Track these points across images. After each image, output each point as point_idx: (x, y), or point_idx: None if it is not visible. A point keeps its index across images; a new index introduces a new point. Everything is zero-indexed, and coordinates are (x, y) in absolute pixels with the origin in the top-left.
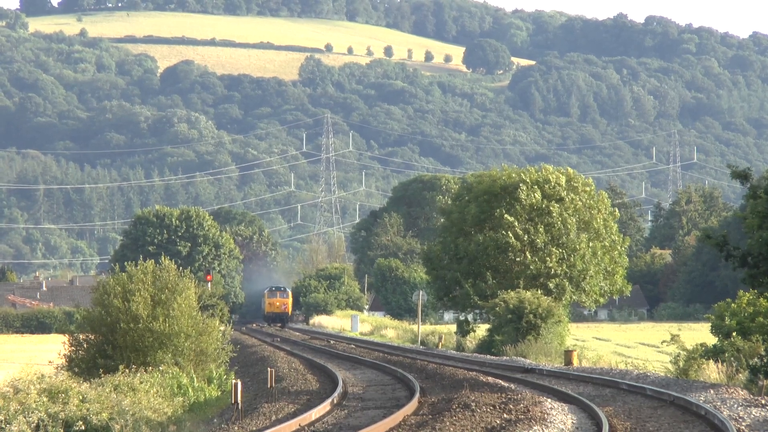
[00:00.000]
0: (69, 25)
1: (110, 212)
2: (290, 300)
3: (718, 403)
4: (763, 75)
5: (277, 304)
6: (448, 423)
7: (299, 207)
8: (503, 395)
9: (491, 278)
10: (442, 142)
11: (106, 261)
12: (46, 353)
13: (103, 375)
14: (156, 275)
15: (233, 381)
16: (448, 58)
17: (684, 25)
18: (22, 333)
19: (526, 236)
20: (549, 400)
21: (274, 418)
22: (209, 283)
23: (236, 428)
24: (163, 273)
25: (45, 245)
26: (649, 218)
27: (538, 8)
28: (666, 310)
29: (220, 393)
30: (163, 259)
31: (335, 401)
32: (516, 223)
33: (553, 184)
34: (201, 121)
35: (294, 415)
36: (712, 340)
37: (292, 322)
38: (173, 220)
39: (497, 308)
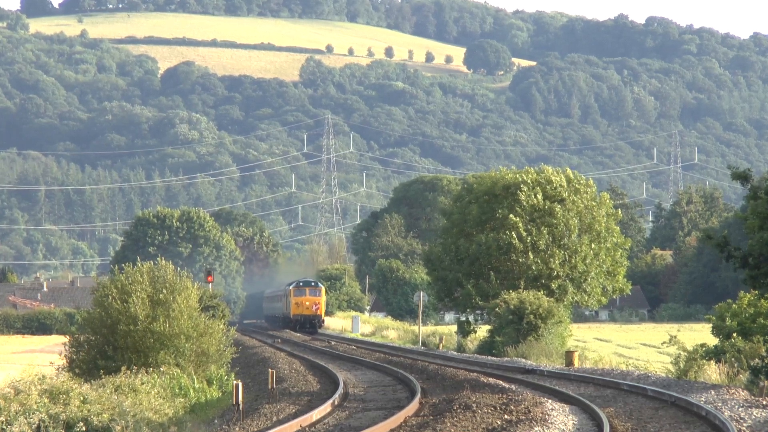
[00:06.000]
0: (70, 26)
1: (111, 213)
2: (323, 298)
3: (719, 404)
4: (764, 76)
5: (307, 304)
6: (449, 424)
7: (300, 208)
8: (504, 396)
9: (494, 278)
10: (443, 143)
11: (107, 262)
12: (47, 354)
13: (103, 376)
14: (153, 275)
15: (234, 382)
16: (448, 59)
17: (685, 25)
18: (23, 334)
19: (529, 237)
20: (550, 400)
21: (275, 418)
22: (210, 284)
23: (237, 429)
24: (161, 273)
25: (46, 246)
26: (650, 219)
27: (538, 9)
28: (667, 310)
29: (221, 394)
30: (160, 259)
31: (336, 402)
32: (520, 224)
33: (554, 185)
34: (202, 122)
35: (295, 416)
36: (713, 341)
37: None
38: (174, 221)
39: (498, 309)
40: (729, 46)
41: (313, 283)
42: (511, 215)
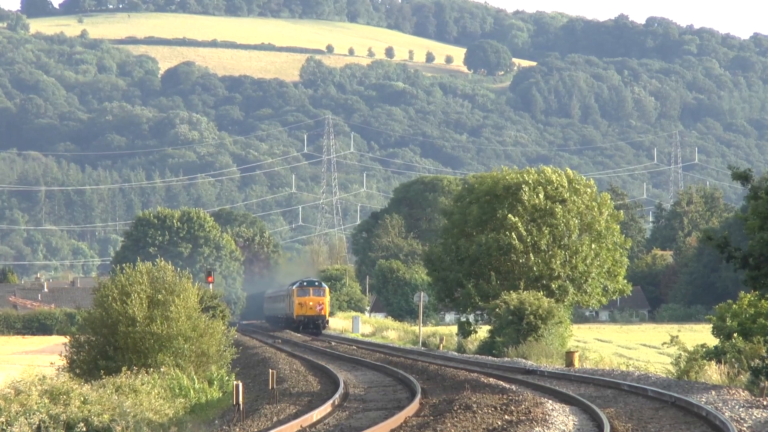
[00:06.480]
0: (70, 27)
1: (111, 214)
2: (327, 299)
3: (720, 405)
4: (764, 76)
5: (311, 304)
6: (449, 424)
7: (300, 208)
8: (504, 396)
9: (495, 279)
10: (444, 143)
11: (108, 262)
12: (47, 355)
13: (104, 376)
14: (153, 276)
15: (235, 382)
16: (449, 59)
17: (685, 26)
18: (24, 334)
19: (529, 237)
20: (550, 401)
21: (275, 419)
22: (210, 285)
23: (237, 429)
24: (160, 274)
25: (46, 246)
26: (651, 219)
27: (539, 9)
28: (667, 311)
29: (221, 394)
30: (159, 260)
31: (336, 402)
32: (519, 224)
33: (555, 185)
34: (202, 122)
35: (295, 416)
36: (713, 342)
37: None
38: (174, 221)
39: (498, 309)
40: (729, 47)
41: (316, 283)
42: (510, 215)
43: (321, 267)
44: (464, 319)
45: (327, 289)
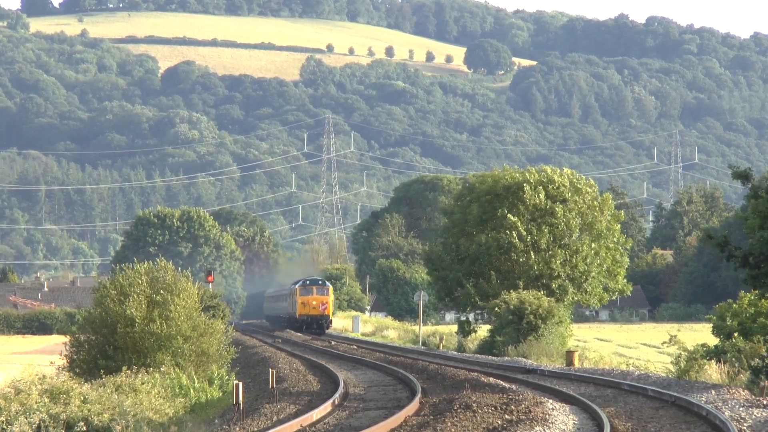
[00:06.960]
0: (70, 26)
1: (111, 213)
2: (331, 298)
3: (720, 404)
4: (764, 75)
5: (314, 303)
6: (449, 423)
7: (300, 208)
8: (504, 396)
9: (495, 278)
10: (444, 143)
11: (108, 262)
12: (47, 354)
13: (104, 376)
14: (153, 276)
15: (235, 382)
16: (449, 59)
17: (685, 25)
18: (24, 334)
19: (529, 237)
20: (550, 400)
21: (275, 418)
22: (210, 284)
23: (238, 429)
24: (160, 274)
25: (46, 246)
26: (651, 219)
27: (539, 9)
28: (667, 310)
29: (221, 394)
30: (159, 260)
31: (336, 402)
32: (519, 224)
33: (557, 184)
34: (202, 121)
35: (295, 415)
36: (713, 341)
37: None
38: (174, 220)
39: (498, 308)
40: (729, 46)
41: (320, 282)
42: (509, 215)
43: (321, 266)
44: (464, 319)
45: (330, 287)
